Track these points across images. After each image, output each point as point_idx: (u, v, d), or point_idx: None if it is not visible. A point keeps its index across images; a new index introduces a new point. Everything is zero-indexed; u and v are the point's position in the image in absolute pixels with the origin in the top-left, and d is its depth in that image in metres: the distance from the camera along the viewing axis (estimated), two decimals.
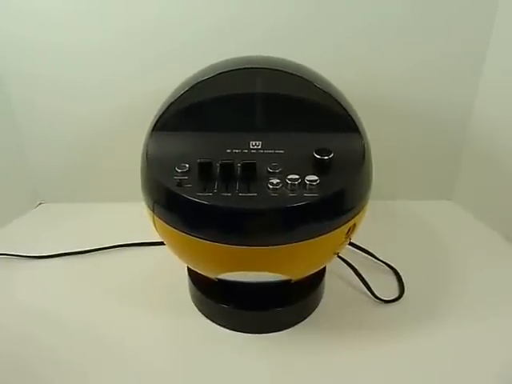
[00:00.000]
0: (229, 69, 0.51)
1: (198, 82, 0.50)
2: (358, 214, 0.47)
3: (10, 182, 0.79)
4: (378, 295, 0.59)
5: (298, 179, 0.43)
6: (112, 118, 0.79)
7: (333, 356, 0.51)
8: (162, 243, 0.68)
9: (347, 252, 0.66)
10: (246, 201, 0.42)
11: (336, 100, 0.50)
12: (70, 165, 0.83)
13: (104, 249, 0.69)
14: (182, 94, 0.50)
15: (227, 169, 0.44)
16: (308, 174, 0.44)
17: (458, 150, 0.81)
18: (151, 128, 0.49)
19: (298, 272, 0.50)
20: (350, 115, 0.49)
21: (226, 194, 0.43)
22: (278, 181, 0.43)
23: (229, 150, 0.47)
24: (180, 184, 0.44)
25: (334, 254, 0.52)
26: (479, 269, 0.65)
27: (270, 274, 0.47)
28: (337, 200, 0.44)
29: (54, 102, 0.78)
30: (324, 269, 0.60)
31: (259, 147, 0.47)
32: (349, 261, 0.64)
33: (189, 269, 0.60)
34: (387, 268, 0.65)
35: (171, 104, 0.49)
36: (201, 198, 0.42)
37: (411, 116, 0.78)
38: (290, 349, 0.52)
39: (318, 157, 0.44)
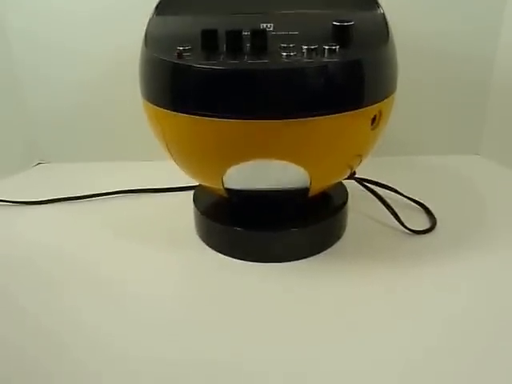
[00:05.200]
0: None
1: None
2: (384, 99, 0.41)
3: (5, 134, 0.70)
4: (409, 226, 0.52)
5: (316, 45, 0.38)
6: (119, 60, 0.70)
7: (359, 286, 0.44)
8: (165, 190, 0.63)
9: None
10: (256, 65, 0.37)
11: None
12: (72, 120, 0.74)
13: (102, 195, 0.62)
14: None
15: (234, 38, 0.38)
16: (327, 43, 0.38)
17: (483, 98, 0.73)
18: (152, 13, 0.45)
19: (315, 166, 0.42)
20: None
21: (232, 61, 0.37)
22: (293, 48, 0.38)
23: None
24: (180, 55, 0.38)
25: (358, 155, 0.45)
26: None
27: (283, 162, 0.40)
28: (359, 70, 0.38)
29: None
30: (346, 194, 0.53)
31: (271, 29, 0.42)
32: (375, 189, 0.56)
33: (195, 193, 0.54)
34: (415, 205, 0.57)
35: None
36: (203, 64, 0.37)
37: (433, 59, 0.71)
38: (309, 278, 0.46)
39: (337, 24, 0.39)
